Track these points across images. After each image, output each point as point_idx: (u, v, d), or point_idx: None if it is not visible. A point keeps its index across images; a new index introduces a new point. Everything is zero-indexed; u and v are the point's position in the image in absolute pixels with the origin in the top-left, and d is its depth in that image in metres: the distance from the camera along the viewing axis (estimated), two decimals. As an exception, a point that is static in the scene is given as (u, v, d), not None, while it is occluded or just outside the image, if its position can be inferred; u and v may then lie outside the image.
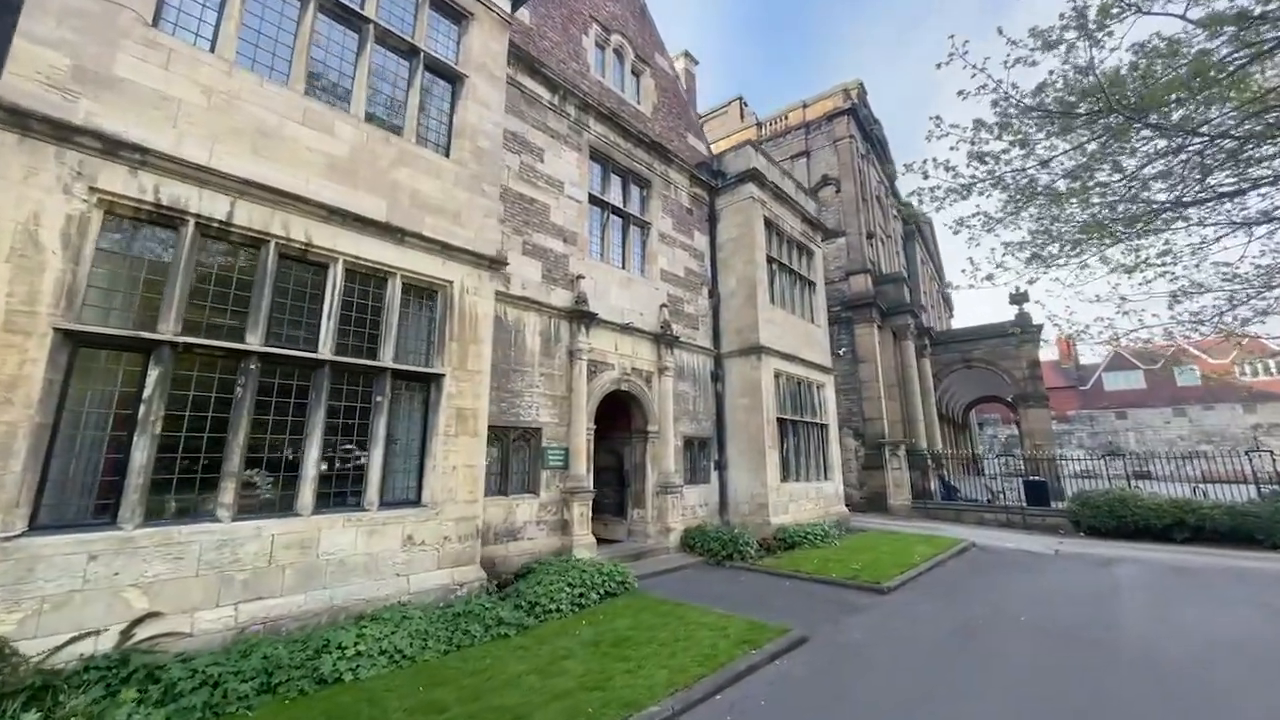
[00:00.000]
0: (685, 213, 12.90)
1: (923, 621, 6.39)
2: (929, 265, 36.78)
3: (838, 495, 14.31)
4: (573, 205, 10.01)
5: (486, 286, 7.03)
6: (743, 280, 12.87)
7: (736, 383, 12.59)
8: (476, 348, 6.76)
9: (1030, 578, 8.84)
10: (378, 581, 5.47)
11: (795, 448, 13.13)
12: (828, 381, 14.86)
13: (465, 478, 6.37)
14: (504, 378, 8.31)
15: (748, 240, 12.98)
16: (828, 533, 11.63)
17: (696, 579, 8.53)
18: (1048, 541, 12.52)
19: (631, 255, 11.30)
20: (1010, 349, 23.07)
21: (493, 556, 7.65)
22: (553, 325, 9.21)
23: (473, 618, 5.39)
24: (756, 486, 11.76)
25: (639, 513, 10.66)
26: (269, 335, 5.21)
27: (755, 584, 8.26)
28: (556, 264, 9.51)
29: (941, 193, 6.41)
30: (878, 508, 17.63)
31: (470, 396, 6.58)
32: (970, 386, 30.61)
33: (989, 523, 15.30)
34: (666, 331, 11.09)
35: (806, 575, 8.61)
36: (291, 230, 5.37)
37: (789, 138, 22.96)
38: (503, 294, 8.47)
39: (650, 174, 11.97)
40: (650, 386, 10.89)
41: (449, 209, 6.78)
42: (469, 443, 6.47)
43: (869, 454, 18.44)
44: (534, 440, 8.66)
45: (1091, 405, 49.93)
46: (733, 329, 12.88)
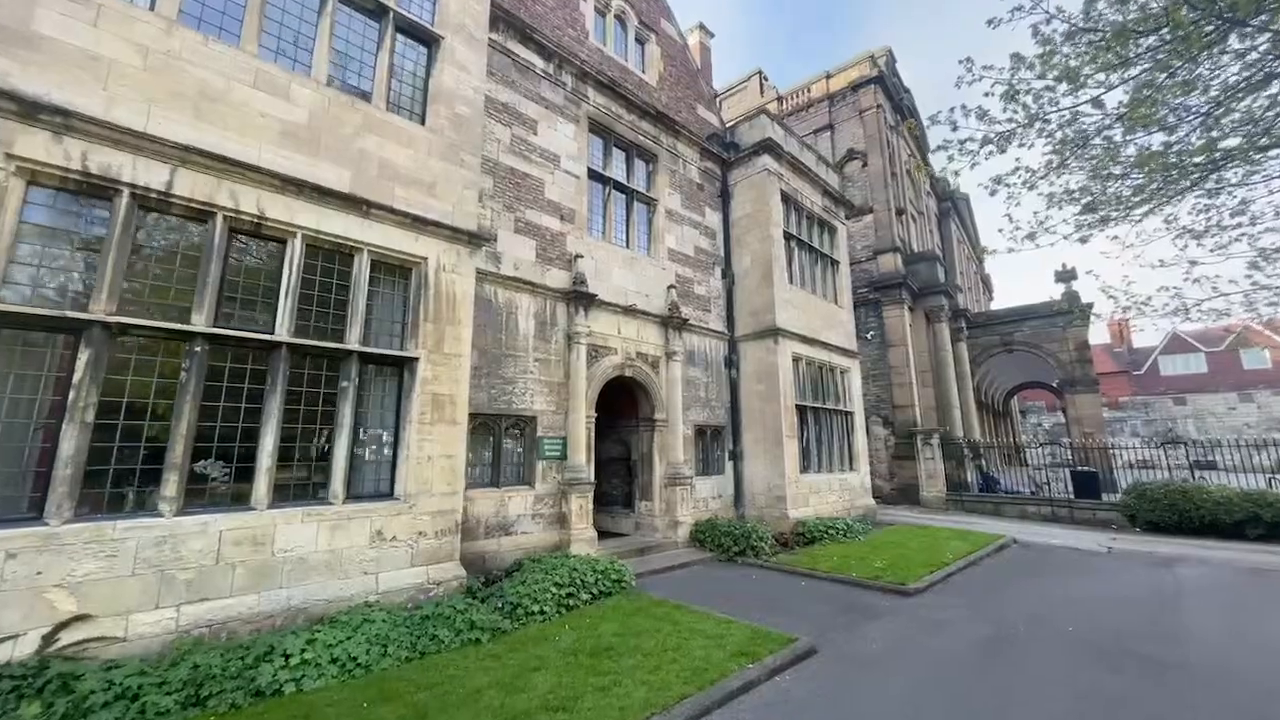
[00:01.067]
0: (695, 188, 12.15)
1: (950, 630, 5.64)
2: (965, 245, 34.82)
3: (864, 487, 13.45)
4: (570, 180, 9.43)
5: (466, 264, 6.53)
6: (758, 259, 12.07)
7: (752, 368, 11.85)
8: (455, 330, 6.28)
9: (1078, 579, 7.91)
10: (342, 581, 5.07)
11: (816, 437, 12.33)
12: (853, 366, 13.94)
13: (443, 469, 5.91)
14: (495, 363, 7.84)
15: (763, 216, 12.15)
16: (851, 527, 10.84)
17: (703, 577, 7.94)
18: (1099, 538, 11.42)
19: (636, 233, 10.66)
20: (1056, 330, 21.48)
21: (483, 552, 7.23)
22: (548, 307, 8.68)
23: (442, 621, 4.93)
24: (774, 478, 11.05)
25: (646, 505, 10.11)
26: (218, 316, 4.83)
27: (766, 583, 7.61)
28: (552, 243, 8.95)
29: (975, 145, 5.54)
30: (909, 500, 16.64)
31: (448, 382, 6.11)
32: (1011, 371, 28.86)
33: (1032, 516, 14.18)
34: (674, 314, 10.44)
35: (824, 574, 7.91)
36: (241, 202, 4.95)
37: (811, 111, 21.77)
38: (492, 274, 7.97)
39: (656, 147, 11.27)
40: (657, 372, 10.27)
41: (423, 180, 6.29)
42: (447, 431, 6.01)
43: (899, 443, 17.41)
44: (528, 429, 8.17)
45: (1147, 391, 46.89)
46: (747, 311, 12.12)
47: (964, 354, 21.66)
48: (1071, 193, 5.63)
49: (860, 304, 18.81)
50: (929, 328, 19.34)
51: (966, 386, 21.10)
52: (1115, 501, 13.27)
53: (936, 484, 16.33)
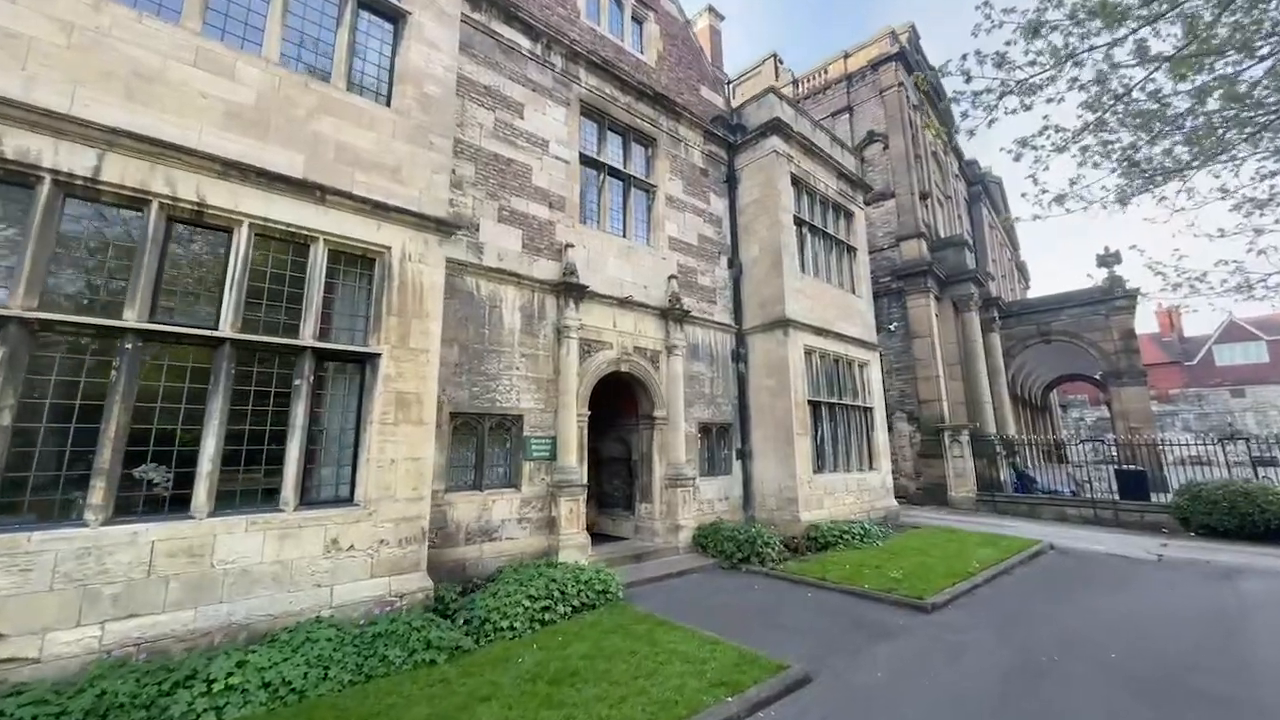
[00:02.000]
0: (699, 174, 11.54)
1: (970, 657, 4.96)
2: (998, 231, 33.11)
3: (885, 487, 12.63)
4: (560, 166, 8.94)
5: (435, 253, 6.11)
6: (766, 246, 11.39)
7: (760, 362, 11.18)
8: (422, 323, 5.86)
9: (1124, 594, 7.06)
10: (291, 594, 4.71)
11: (831, 434, 11.59)
12: (872, 359, 13.11)
13: (407, 472, 5.51)
14: (476, 359, 7.43)
15: (771, 201, 11.45)
16: (868, 531, 10.10)
17: (700, 587, 7.38)
18: (1147, 543, 10.39)
19: (633, 222, 10.12)
20: (1099, 318, 20.06)
21: (463, 559, 6.83)
22: (536, 300, 8.23)
23: (395, 640, 4.52)
24: (784, 478, 10.38)
25: (646, 508, 9.59)
26: (155, 310, 4.50)
27: (769, 594, 7.01)
28: (540, 232, 8.49)
29: (993, 97, 4.81)
30: (937, 501, 15.69)
31: (414, 379, 5.70)
32: (1050, 363, 27.26)
33: (1072, 519, 13.12)
34: (675, 305, 9.87)
35: (833, 584, 7.25)
36: (179, 188, 4.62)
37: (829, 93, 20.81)
38: (474, 266, 7.56)
39: (655, 131, 10.70)
40: (657, 367, 9.73)
41: (386, 164, 5.89)
42: (412, 432, 5.61)
43: (926, 440, 16.44)
44: (514, 429, 7.74)
45: (1200, 382, 44.03)
46: (755, 302, 11.45)
47: (997, 345, 20.41)
48: (1109, 144, 4.84)
49: (882, 294, 17.88)
50: (957, 317, 18.25)
51: (1000, 379, 19.87)
52: (1166, 503, 12.15)
53: (966, 483, 15.34)
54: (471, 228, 7.68)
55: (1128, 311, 19.74)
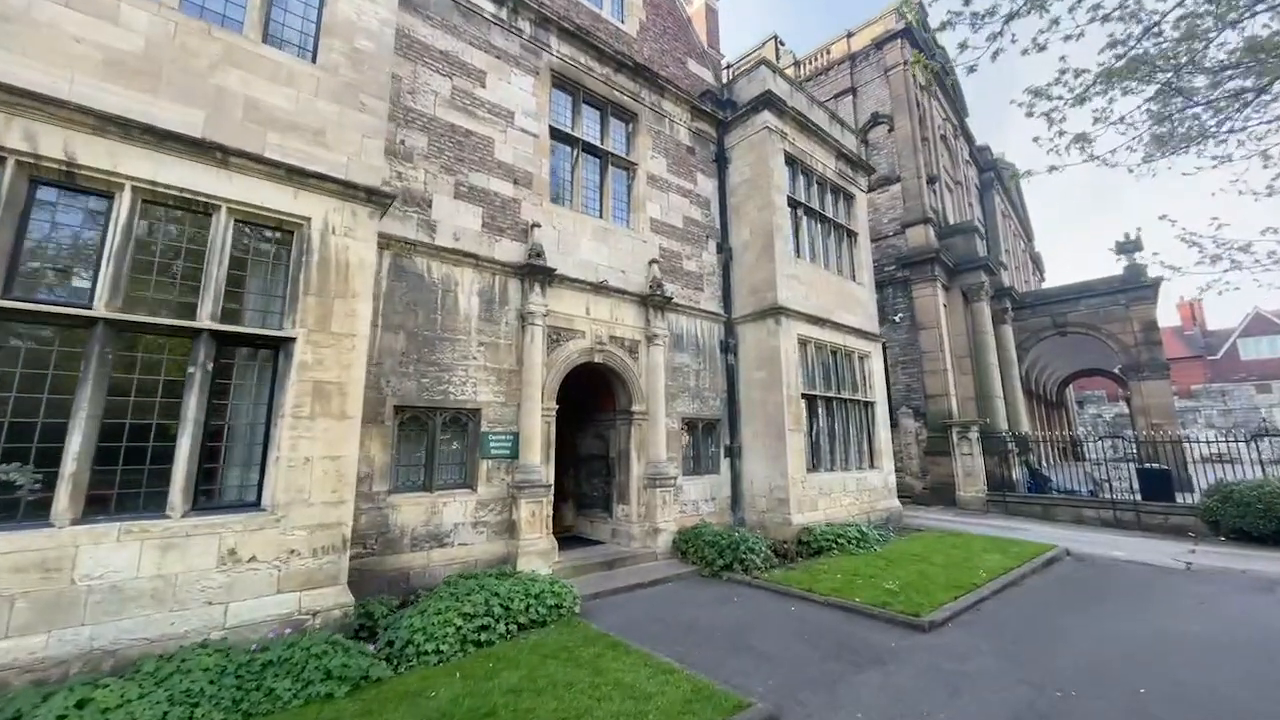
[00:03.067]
0: (685, 152, 10.78)
1: (972, 690, 4.21)
2: (1012, 220, 31.93)
3: (887, 487, 11.82)
4: (527, 140, 8.24)
5: (365, 226, 5.44)
6: (757, 229, 10.61)
7: (751, 353, 10.43)
8: (347, 304, 5.20)
9: (1151, 610, 6.25)
10: (175, 613, 4.07)
11: (828, 430, 10.81)
12: (873, 350, 12.29)
13: (325, 473, 4.85)
14: (426, 347, 6.77)
15: (763, 180, 10.67)
16: (865, 535, 9.32)
17: (672, 599, 6.67)
18: (1173, 549, 9.51)
19: (611, 202, 9.40)
20: (1118, 309, 19.02)
21: (407, 568, 6.18)
22: (497, 283, 7.54)
23: (288, 669, 3.87)
24: (775, 478, 9.63)
25: (623, 510, 8.89)
26: (10, 284, 3.88)
27: (747, 609, 6.28)
28: (503, 210, 7.81)
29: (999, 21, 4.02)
30: (944, 501, 14.83)
31: (335, 367, 5.04)
32: (1066, 357, 26.17)
33: (1090, 521, 12.22)
34: (656, 292, 9.15)
35: (821, 597, 6.51)
36: (41, 144, 3.99)
37: (831, 74, 19.89)
38: (425, 245, 6.89)
39: (636, 105, 9.96)
40: (635, 358, 9.01)
41: (307, 125, 5.22)
42: (332, 427, 4.95)
43: (933, 437, 15.58)
44: (470, 424, 7.08)
45: (1224, 377, 42.47)
46: (746, 288, 10.69)
47: (1009, 337, 19.42)
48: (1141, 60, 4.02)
49: (887, 283, 17.00)
50: (967, 308, 17.31)
51: (1012, 374, 18.90)
52: (1193, 504, 11.21)
53: (975, 482, 14.46)
54: (423, 204, 7.01)
55: (1149, 301, 18.68)
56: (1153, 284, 18.61)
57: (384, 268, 6.55)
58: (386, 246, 6.57)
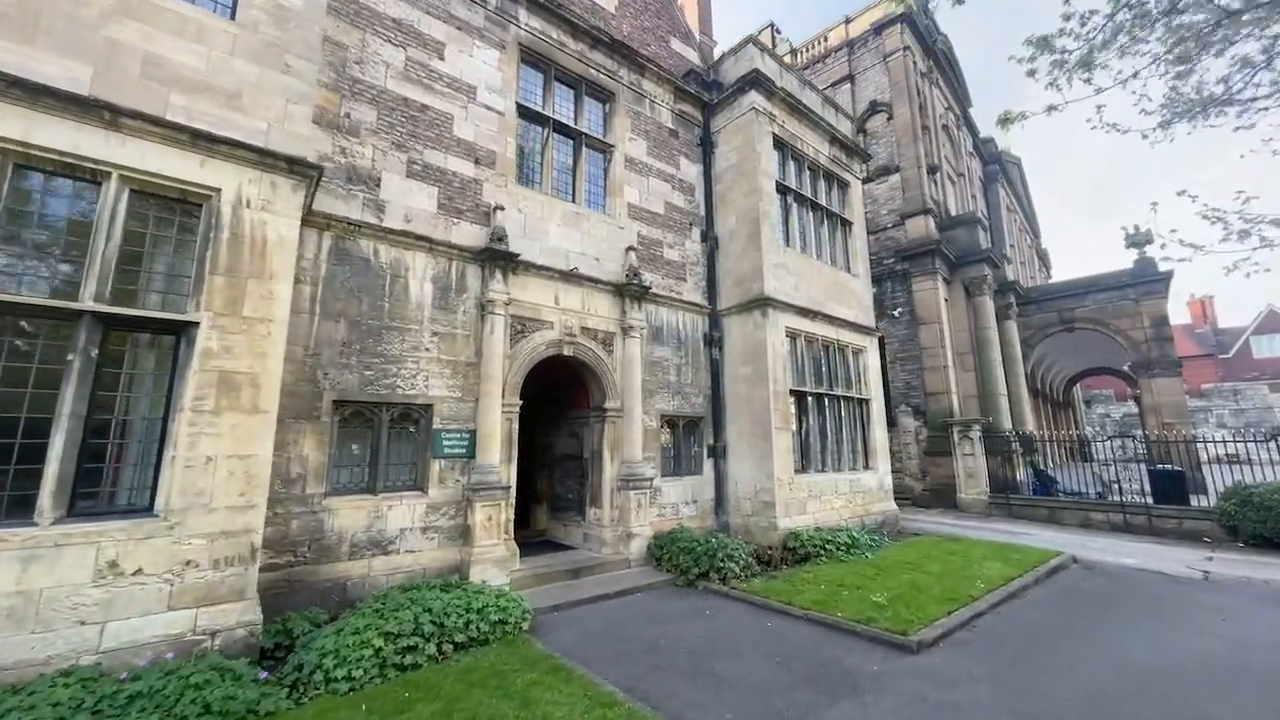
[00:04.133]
0: (667, 135, 10.21)
1: (962, 727, 3.62)
2: (1018, 215, 31.16)
3: (883, 489, 11.21)
4: (490, 117, 7.69)
5: (287, 200, 4.89)
6: (744, 216, 10.03)
7: (737, 347, 9.84)
8: (263, 285, 4.66)
9: (1167, 626, 5.63)
10: (37, 636, 3.53)
11: (819, 429, 10.22)
12: (869, 345, 11.68)
13: (231, 474, 4.31)
14: (372, 338, 6.22)
15: (750, 165, 10.08)
16: (856, 540, 8.72)
17: (637, 613, 6.09)
18: (1188, 556, 8.86)
19: (585, 185, 8.83)
20: (1128, 304, 18.31)
21: (344, 577, 5.63)
22: (455, 270, 7.00)
23: (157, 703, 3.32)
24: (761, 479, 9.05)
25: (595, 513, 8.32)
26: None
27: (718, 624, 5.70)
28: (463, 191, 7.26)
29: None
30: (944, 503, 14.19)
31: (246, 355, 4.50)
32: (1073, 355, 25.41)
33: (1098, 525, 11.56)
34: (633, 281, 8.58)
35: (801, 610, 5.93)
36: (-119, 95, 3.46)
37: (829, 62, 19.27)
38: (372, 227, 6.35)
39: (613, 84, 9.39)
40: (610, 351, 8.45)
41: (220, 87, 4.69)
42: (242, 423, 4.41)
43: (933, 436, 14.94)
44: (422, 421, 6.53)
45: (1235, 376, 41.55)
46: (732, 279, 10.11)
47: (1014, 333, 18.74)
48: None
49: (886, 277, 16.38)
50: (969, 302, 16.65)
51: (1017, 371, 18.22)
52: (1209, 508, 10.55)
53: (977, 484, 13.82)
54: (370, 182, 6.47)
55: (1160, 295, 17.95)
56: (1164, 277, 17.89)
57: (323, 250, 6.02)
58: (327, 227, 6.04)
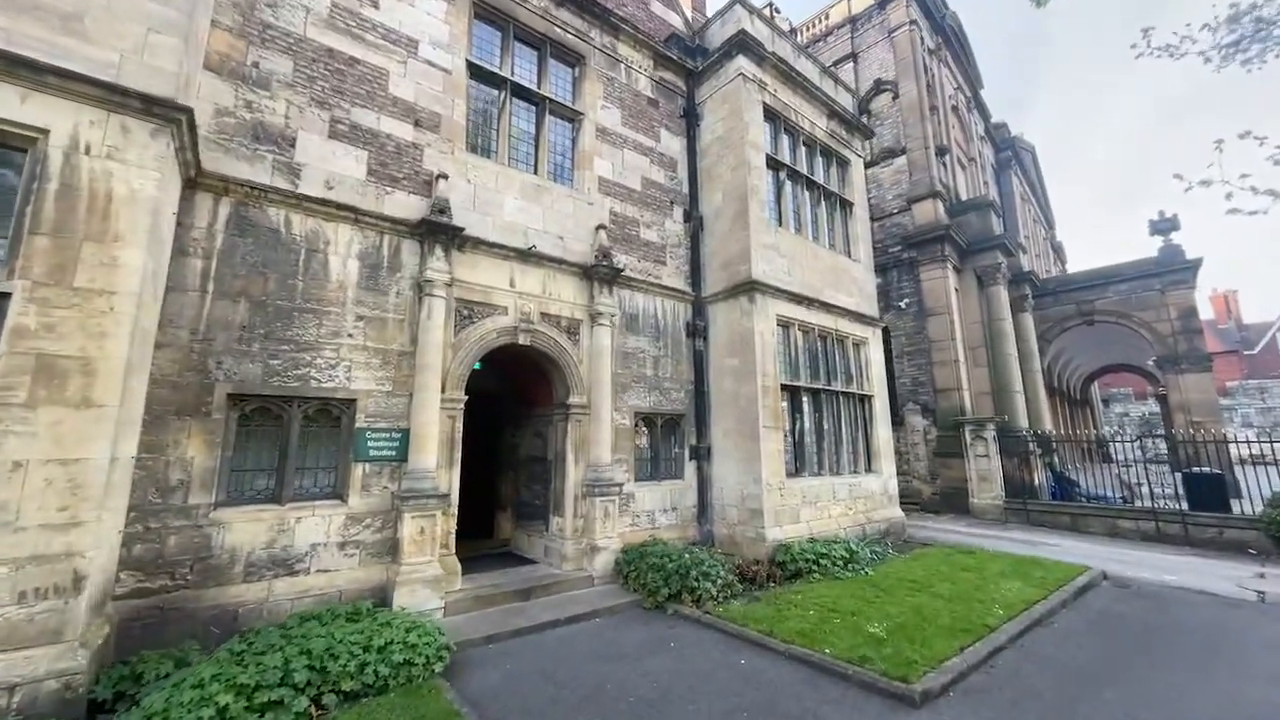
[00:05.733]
0: (645, 104, 9.27)
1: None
2: (1031, 205, 29.86)
3: (887, 494, 10.19)
4: (434, 75, 6.80)
5: (144, 147, 4.01)
6: (731, 193, 9.06)
7: (723, 337, 8.88)
8: (104, 250, 3.78)
9: (1224, 662, 4.60)
10: None
11: (815, 428, 9.23)
12: (871, 337, 10.66)
13: (50, 483, 3.44)
14: (280, 321, 5.34)
15: (737, 136, 9.12)
16: (855, 553, 7.72)
17: (588, 645, 5.15)
18: (1235, 571, 7.78)
19: (549, 155, 7.91)
20: (1152, 295, 17.16)
21: (236, 604, 4.75)
22: (387, 245, 6.11)
23: None
24: (749, 484, 8.08)
25: (558, 523, 7.39)
26: None
27: (682, 661, 4.75)
28: (399, 156, 6.37)
29: None
30: (956, 508, 13.11)
31: (78, 336, 3.62)
32: (1092, 350, 24.16)
33: (1127, 534, 10.46)
34: (603, 263, 7.65)
35: (782, 643, 4.95)
36: None
37: (830, 40, 18.23)
38: (283, 193, 5.46)
39: (584, 45, 8.47)
40: (575, 340, 7.52)
41: (53, 7, 3.81)
42: (67, 419, 3.53)
43: (943, 436, 13.86)
44: (344, 418, 5.64)
45: (1262, 373, 39.94)
46: (718, 262, 9.15)
47: (1030, 327, 17.60)
48: None
49: (892, 265, 15.34)
50: (982, 293, 15.54)
51: (1033, 366, 17.08)
52: (1254, 516, 9.42)
53: (991, 487, 12.73)
54: (282, 141, 5.59)
55: (1187, 285, 16.78)
56: (1191, 265, 16.70)
57: (220, 218, 5.14)
58: (225, 191, 5.17)
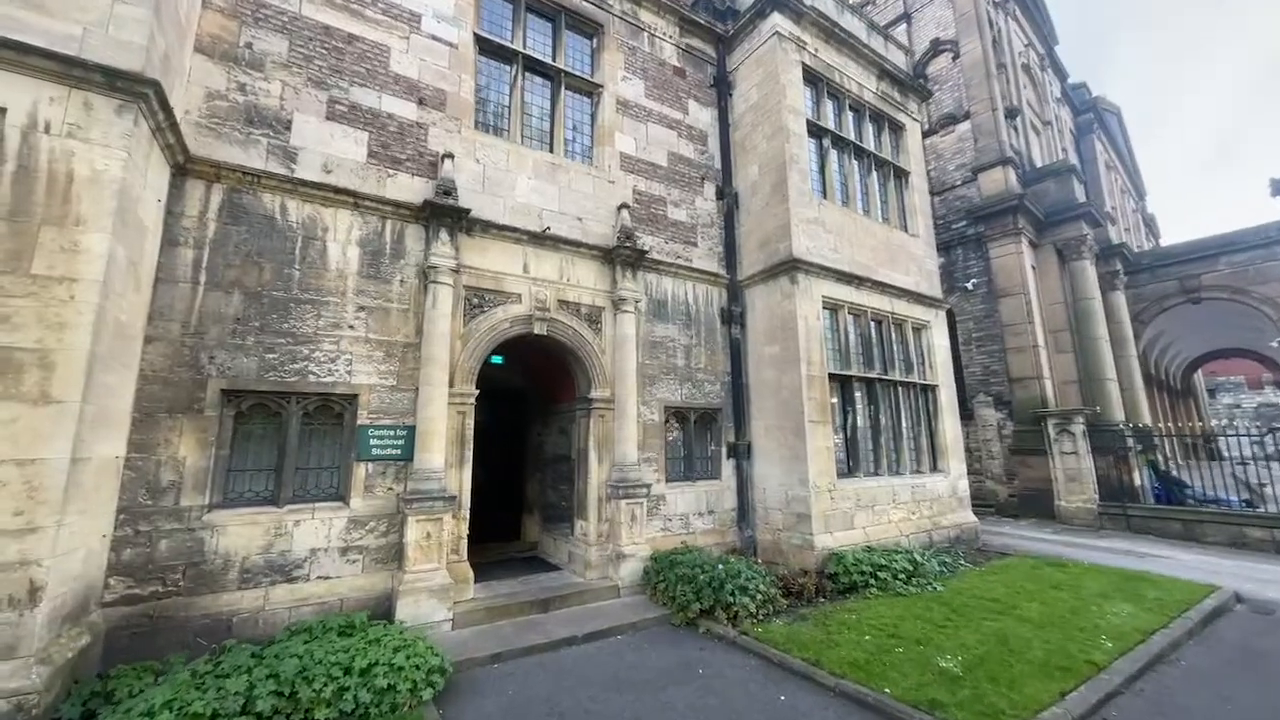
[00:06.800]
0: (672, 74, 8.58)
1: None
2: (1118, 173, 26.77)
3: (956, 496, 9.03)
4: (439, 50, 6.40)
5: (108, 125, 3.74)
6: (767, 164, 8.23)
7: (761, 322, 8.06)
8: (65, 235, 3.51)
9: None
10: None
11: (871, 422, 8.24)
12: (933, 320, 9.50)
13: (6, 485, 3.17)
14: (277, 312, 5.05)
15: (773, 102, 8.26)
16: (919, 565, 6.74)
17: (604, 669, 4.53)
18: None
19: (565, 132, 7.37)
20: (1275, 266, 14.71)
21: (230, 612, 4.47)
22: (390, 230, 5.74)
23: None
24: (794, 485, 7.24)
25: (582, 526, 6.83)
26: None
27: (708, 696, 4.05)
28: (401, 137, 5.99)
29: None
30: (1039, 512, 11.62)
31: (35, 327, 3.36)
32: (1196, 332, 21.27)
33: (1257, 545, 8.79)
34: (626, 245, 7.04)
35: (832, 677, 4.16)
36: None
37: (879, 3, 16.80)
38: (278, 178, 5.18)
39: (601, 14, 7.89)
40: (597, 329, 6.95)
41: (12, -22, 3.59)
42: (23, 416, 3.27)
43: (1020, 431, 12.36)
44: (346, 415, 5.30)
45: None
46: (755, 240, 8.33)
47: (1122, 306, 15.57)
48: None
49: (956, 243, 13.89)
50: (1063, 269, 13.78)
51: (1128, 352, 15.08)
52: None
53: (1082, 489, 11.17)
54: (277, 124, 5.31)
55: (1324, 251, 14.26)
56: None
57: (212, 205, 4.90)
58: (217, 178, 4.92)
